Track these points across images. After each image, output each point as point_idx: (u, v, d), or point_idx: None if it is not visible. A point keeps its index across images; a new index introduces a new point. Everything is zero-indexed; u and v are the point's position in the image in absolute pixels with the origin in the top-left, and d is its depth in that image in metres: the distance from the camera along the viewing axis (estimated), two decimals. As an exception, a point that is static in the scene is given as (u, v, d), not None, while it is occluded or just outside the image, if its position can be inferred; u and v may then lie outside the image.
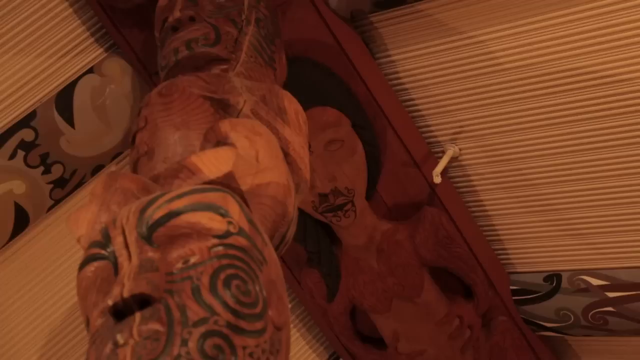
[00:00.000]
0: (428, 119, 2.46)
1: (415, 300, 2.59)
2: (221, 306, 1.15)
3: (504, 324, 2.69)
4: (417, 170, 2.48)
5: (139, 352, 1.11)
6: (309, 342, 2.86)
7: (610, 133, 2.19)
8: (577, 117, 2.21)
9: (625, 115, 2.14)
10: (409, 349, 2.68)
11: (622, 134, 2.18)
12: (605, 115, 2.17)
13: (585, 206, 2.39)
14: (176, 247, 1.24)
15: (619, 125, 2.17)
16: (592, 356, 2.79)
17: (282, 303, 1.29)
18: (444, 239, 2.51)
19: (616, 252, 2.44)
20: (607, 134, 2.20)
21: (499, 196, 2.53)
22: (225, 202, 1.29)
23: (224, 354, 1.12)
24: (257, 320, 1.19)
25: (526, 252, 2.63)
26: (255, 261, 1.25)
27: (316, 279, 2.60)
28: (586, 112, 2.19)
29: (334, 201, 2.42)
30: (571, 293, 2.55)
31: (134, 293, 1.15)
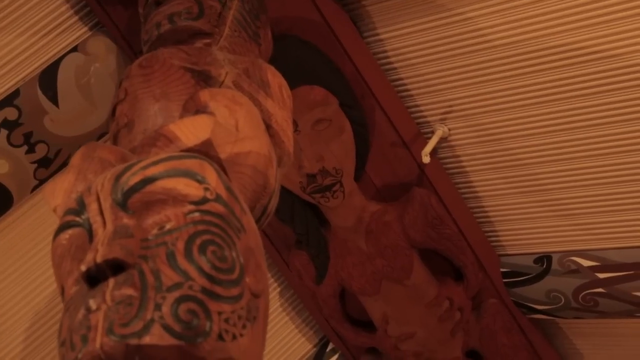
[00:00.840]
0: (417, 98, 2.44)
1: (404, 282, 2.56)
2: (196, 271, 1.14)
3: (494, 307, 2.67)
4: (406, 151, 2.45)
5: (111, 316, 1.09)
6: (299, 326, 2.84)
7: (601, 110, 2.17)
8: (567, 94, 2.19)
9: (616, 92, 2.12)
10: (398, 331, 2.66)
11: (613, 111, 2.16)
12: (596, 92, 2.15)
13: (576, 186, 2.37)
14: (152, 214, 1.22)
15: (609, 102, 2.15)
16: (583, 338, 2.77)
17: (261, 271, 1.27)
18: (433, 220, 2.49)
19: (606, 232, 2.42)
20: (597, 111, 2.18)
21: (489, 177, 2.51)
22: (202, 169, 1.27)
23: (198, 318, 1.10)
24: (233, 287, 1.17)
25: (516, 233, 2.61)
26: (232, 228, 1.23)
27: (304, 261, 2.58)
28: (576, 90, 2.17)
29: (322, 182, 2.39)
30: (561, 274, 2.53)
31: (107, 258, 1.13)
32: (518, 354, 2.71)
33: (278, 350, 2.79)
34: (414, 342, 2.67)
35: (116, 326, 1.07)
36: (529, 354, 2.72)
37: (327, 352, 2.85)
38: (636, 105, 2.11)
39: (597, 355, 2.78)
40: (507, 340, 2.70)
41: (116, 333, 1.07)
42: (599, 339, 2.74)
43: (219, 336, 1.12)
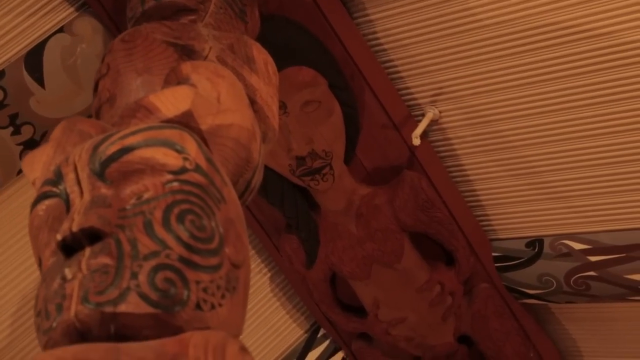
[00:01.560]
0: (407, 80, 2.42)
1: (395, 267, 2.55)
2: (174, 240, 1.12)
3: (486, 291, 2.66)
4: (397, 133, 2.43)
5: (86, 285, 1.07)
6: (289, 312, 2.82)
7: (592, 90, 2.16)
8: (558, 74, 2.17)
9: (608, 71, 2.10)
10: (389, 316, 2.64)
11: (605, 91, 2.14)
12: (588, 72, 2.13)
13: (567, 168, 2.35)
14: (130, 184, 1.20)
15: (601, 82, 2.13)
16: (575, 323, 2.76)
17: (241, 242, 1.25)
18: (423, 203, 2.47)
19: (598, 214, 2.41)
20: (589, 91, 2.16)
21: (480, 160, 2.49)
22: (182, 139, 1.25)
23: (175, 287, 1.09)
24: (212, 256, 1.15)
25: (508, 217, 2.59)
26: (212, 198, 1.22)
27: (294, 245, 2.56)
28: (568, 69, 2.15)
29: (311, 164, 2.37)
30: (553, 258, 2.52)
31: (83, 227, 1.11)
32: (510, 339, 2.70)
33: (269, 336, 2.77)
34: (405, 327, 2.65)
35: (91, 294, 1.06)
36: (521, 339, 2.71)
37: (318, 338, 2.83)
38: (628, 84, 2.09)
39: (589, 340, 2.77)
40: (499, 325, 2.69)
41: (91, 301, 1.05)
42: (591, 324, 2.72)
43: (197, 305, 1.10)
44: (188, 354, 1.01)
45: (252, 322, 2.73)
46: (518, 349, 2.71)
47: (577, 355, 2.83)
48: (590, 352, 2.80)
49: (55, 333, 1.05)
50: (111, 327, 1.05)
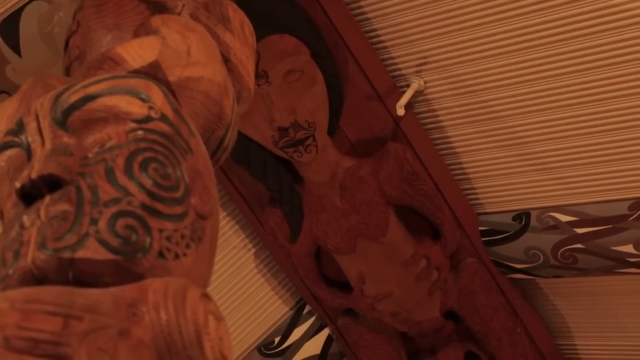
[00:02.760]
0: (392, 50, 2.38)
1: (380, 240, 2.52)
2: (136, 187, 1.09)
3: (473, 266, 2.63)
4: (381, 104, 2.40)
5: (44, 231, 1.04)
6: (275, 288, 2.78)
7: (580, 56, 2.12)
8: (543, 40, 2.14)
9: (594, 36, 2.07)
10: (375, 291, 2.61)
11: (591, 57, 2.11)
12: (573, 37, 2.10)
13: (553, 138, 2.32)
14: (92, 132, 1.17)
15: (587, 48, 2.10)
16: (562, 298, 2.73)
17: (208, 194, 1.22)
18: (408, 175, 2.43)
19: (585, 186, 2.38)
20: (575, 57, 2.13)
21: (466, 131, 2.46)
22: (148, 88, 1.21)
23: (137, 234, 1.05)
24: (176, 205, 1.12)
25: (495, 190, 2.56)
26: (178, 148, 1.18)
27: (278, 219, 2.52)
28: (553, 35, 2.11)
29: (294, 135, 2.34)
30: (540, 231, 2.49)
31: (42, 174, 1.08)
32: (497, 314, 2.67)
33: (254, 312, 2.74)
34: (390, 302, 2.62)
35: (49, 240, 1.03)
36: (508, 315, 2.68)
37: (304, 314, 2.80)
38: (615, 49, 2.06)
39: (577, 315, 2.74)
40: (486, 300, 2.66)
41: (49, 247, 1.02)
42: (578, 299, 2.70)
43: (160, 254, 1.07)
44: (147, 299, 0.98)
45: (236, 299, 2.70)
46: (505, 324, 2.68)
47: (566, 331, 2.80)
48: (578, 327, 2.77)
49: (12, 280, 1.02)
50: (69, 274, 1.02)
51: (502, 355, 2.71)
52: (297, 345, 2.76)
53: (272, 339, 2.75)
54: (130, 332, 0.93)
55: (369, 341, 2.75)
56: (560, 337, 2.82)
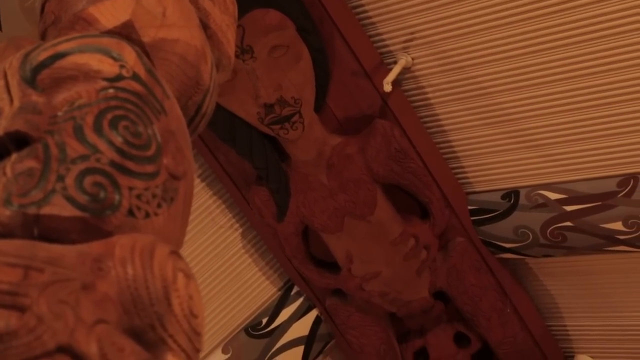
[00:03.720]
0: (379, 26, 2.35)
1: (368, 219, 2.49)
2: (105, 145, 1.06)
3: (462, 245, 2.60)
4: (368, 81, 2.37)
5: (9, 188, 1.01)
6: (262, 269, 2.76)
7: (567, 30, 2.10)
8: (532, 14, 2.11)
9: (578, 10, 2.04)
10: (363, 270, 2.59)
11: (579, 30, 2.08)
12: (561, 10, 2.07)
13: (541, 114, 2.30)
14: (62, 91, 1.14)
15: (572, 22, 2.08)
16: (552, 278, 2.71)
17: (182, 155, 1.19)
18: (396, 153, 2.41)
19: (574, 163, 2.35)
20: (563, 30, 2.11)
21: (454, 108, 2.43)
22: (120, 47, 1.18)
23: (105, 192, 1.03)
24: (147, 163, 1.09)
25: (483, 168, 2.53)
26: (151, 108, 1.15)
27: (265, 197, 2.50)
28: (542, 8, 2.09)
29: (280, 112, 2.31)
30: (529, 209, 2.47)
31: (8, 131, 1.05)
32: (486, 294, 2.65)
33: (241, 293, 2.72)
34: (379, 281, 2.60)
35: (14, 197, 1.00)
36: (498, 295, 2.66)
37: (292, 295, 2.78)
38: (602, 22, 2.03)
39: (566, 295, 2.72)
40: (475, 280, 2.63)
41: (14, 203, 0.99)
42: (568, 278, 2.67)
43: (130, 212, 1.05)
44: (114, 254, 0.96)
45: (223, 279, 2.68)
46: (495, 304, 2.66)
47: (556, 312, 2.78)
48: (569, 307, 2.75)
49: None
50: (34, 230, 0.99)
51: (492, 336, 2.69)
52: (285, 326, 2.74)
53: (260, 320, 2.72)
54: (95, 286, 0.91)
55: (358, 322, 2.73)
56: (551, 318, 2.80)
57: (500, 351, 2.71)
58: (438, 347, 2.79)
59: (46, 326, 0.81)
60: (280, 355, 2.72)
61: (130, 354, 0.86)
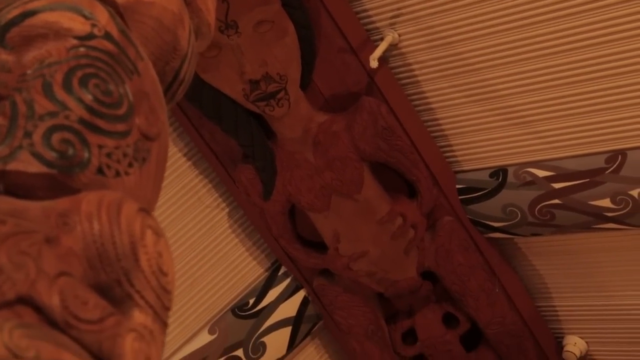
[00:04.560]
0: (365, 2, 2.33)
1: (355, 197, 2.47)
2: (74, 102, 1.03)
3: (450, 225, 2.58)
4: (355, 58, 2.35)
5: (-25, 147, 0.99)
6: (249, 249, 2.74)
7: (551, 4, 2.08)
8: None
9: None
10: (350, 250, 2.57)
11: (564, 4, 2.06)
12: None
13: (529, 90, 2.28)
14: (32, 49, 1.11)
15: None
16: (541, 257, 2.70)
17: (155, 116, 1.17)
18: (383, 130, 2.39)
19: (562, 139, 2.34)
20: (547, 5, 2.08)
21: (441, 85, 2.41)
22: (92, 6, 1.16)
23: (74, 149, 1.00)
24: (118, 122, 1.07)
25: (472, 146, 2.52)
26: (123, 67, 1.13)
27: (251, 175, 2.47)
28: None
29: (265, 88, 2.29)
30: (517, 187, 2.45)
31: (-25, 89, 1.03)
32: (475, 273, 2.63)
33: (227, 273, 2.70)
34: (366, 261, 2.59)
35: (-21, 153, 0.98)
36: (486, 274, 2.64)
37: (279, 276, 2.76)
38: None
39: (555, 274, 2.70)
40: (464, 260, 2.62)
41: (-21, 160, 0.97)
42: (556, 257, 2.66)
43: (99, 170, 1.03)
44: (80, 209, 0.93)
45: (210, 259, 2.66)
46: (483, 284, 2.64)
47: (545, 292, 2.77)
48: (557, 287, 2.73)
49: (-60, 192, 0.97)
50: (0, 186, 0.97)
51: (480, 316, 2.68)
52: (272, 307, 2.72)
53: (247, 301, 2.70)
54: (60, 240, 0.89)
55: (345, 302, 2.71)
56: (540, 299, 2.79)
57: (489, 331, 2.70)
58: (426, 328, 2.77)
59: (6, 276, 0.79)
60: (267, 336, 2.71)
61: (94, 307, 0.84)
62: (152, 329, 0.91)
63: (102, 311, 0.85)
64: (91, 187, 1.02)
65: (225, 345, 2.65)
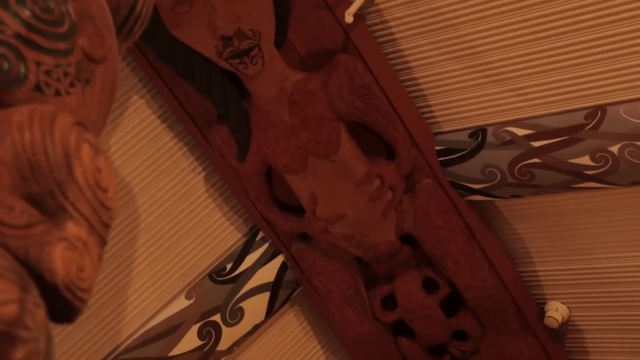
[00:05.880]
0: (340, -44, 2.28)
1: (331, 158, 2.43)
2: (11, 18, 0.99)
3: (429, 187, 2.55)
4: (330, 14, 2.30)
5: None
6: (226, 214, 2.70)
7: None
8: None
9: None
10: (328, 212, 2.53)
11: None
12: None
13: (505, 45, 2.24)
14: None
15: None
16: (521, 221, 2.66)
17: (102, 40, 1.12)
18: (359, 88, 2.34)
19: (540, 96, 2.30)
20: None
21: (419, 43, 2.37)
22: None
23: (9, 63, 0.97)
24: (58, 40, 1.03)
25: (450, 106, 2.48)
26: (66, -12, 1.09)
27: (225, 136, 2.43)
28: None
29: (238, 45, 2.24)
30: (497, 147, 2.41)
31: None
32: (454, 237, 2.59)
33: (205, 238, 2.66)
34: (344, 224, 2.55)
35: None
36: (466, 237, 2.60)
37: (257, 241, 2.72)
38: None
39: (536, 237, 2.67)
40: (443, 223, 2.58)
41: None
42: (537, 220, 2.62)
43: (37, 87, 0.99)
44: (11, 120, 0.89)
45: (186, 224, 2.62)
46: (463, 247, 2.60)
47: (526, 256, 2.73)
48: (539, 251, 2.70)
49: None
50: None
51: (460, 280, 2.64)
52: (250, 272, 2.68)
53: (224, 266, 2.66)
54: (-14, 149, 0.85)
55: (324, 267, 2.67)
56: (522, 264, 2.76)
57: (468, 296, 2.67)
58: (406, 293, 2.74)
59: None
60: (245, 302, 2.67)
61: (21, 213, 0.81)
62: (87, 241, 0.87)
63: (30, 218, 0.82)
64: (27, 103, 0.98)
65: (203, 311, 2.61)
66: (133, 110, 2.44)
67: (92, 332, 2.48)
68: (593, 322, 2.79)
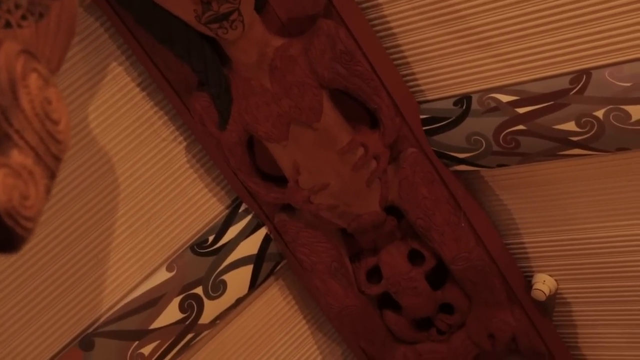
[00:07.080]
0: None
1: (314, 126, 2.39)
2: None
3: (414, 156, 2.51)
4: (311, -23, 2.26)
5: None
6: (208, 185, 2.66)
7: None
8: None
9: None
10: (310, 182, 2.49)
11: None
12: None
13: (489, 9, 2.20)
14: None
15: None
16: (507, 191, 2.63)
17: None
18: (341, 54, 2.30)
19: (525, 62, 2.26)
20: None
21: (402, 8, 2.33)
22: None
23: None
24: (10, -30, 0.99)
25: (435, 74, 2.44)
26: None
27: (205, 103, 2.39)
28: None
29: (217, 9, 2.19)
30: (481, 114, 2.37)
31: None
32: (440, 207, 2.56)
33: (186, 210, 2.62)
34: (327, 194, 2.51)
35: None
36: (452, 208, 2.57)
37: (240, 213, 2.68)
38: None
39: (523, 208, 2.64)
40: (428, 193, 2.54)
41: None
42: (523, 190, 2.59)
43: (-15, 17, 0.94)
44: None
45: (167, 195, 2.58)
46: (448, 217, 2.57)
47: (513, 228, 2.70)
48: (525, 222, 2.67)
49: None
50: None
51: (445, 251, 2.61)
52: (232, 244, 2.64)
53: (206, 238, 2.63)
54: None
55: (307, 238, 2.63)
56: (508, 236, 2.73)
57: (454, 267, 2.63)
58: (391, 265, 2.71)
59: None
60: (227, 274, 2.63)
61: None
62: (33, 170, 0.83)
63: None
64: (-25, 33, 0.93)
65: (184, 283, 2.58)
66: (111, 78, 2.40)
67: (71, 304, 2.45)
68: (581, 294, 2.76)
